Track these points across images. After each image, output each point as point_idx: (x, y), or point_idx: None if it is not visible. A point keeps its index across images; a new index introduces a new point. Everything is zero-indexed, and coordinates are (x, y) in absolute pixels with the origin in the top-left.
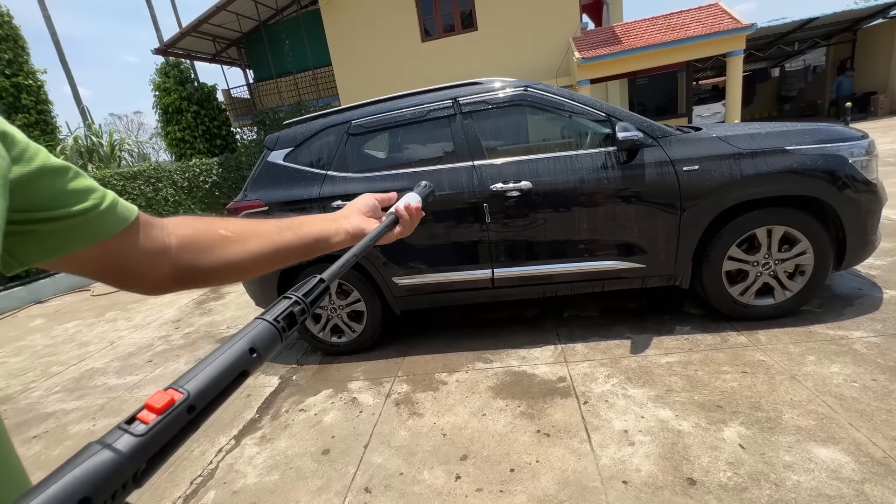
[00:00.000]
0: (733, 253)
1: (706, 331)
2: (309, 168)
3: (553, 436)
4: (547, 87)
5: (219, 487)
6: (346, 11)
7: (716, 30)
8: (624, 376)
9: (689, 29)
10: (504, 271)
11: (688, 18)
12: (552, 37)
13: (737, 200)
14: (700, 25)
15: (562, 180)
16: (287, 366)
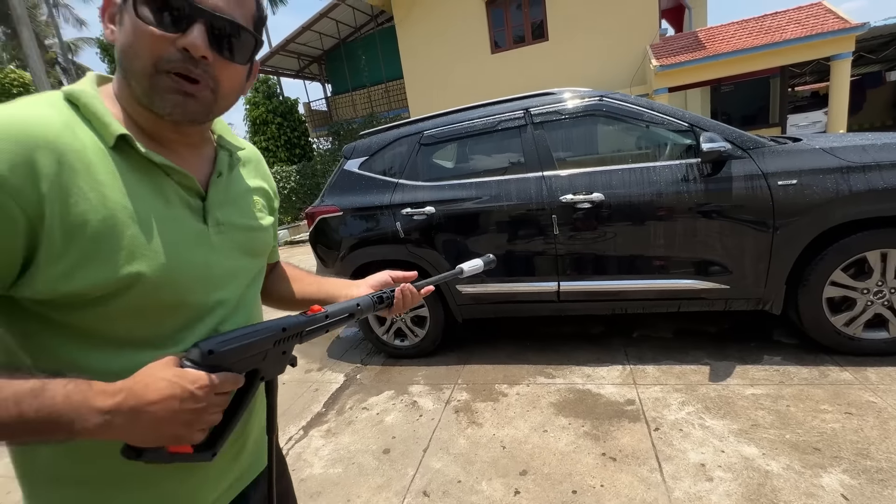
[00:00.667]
0: (838, 278)
1: (801, 363)
2: (381, 176)
3: (620, 461)
4: (624, 97)
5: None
6: (419, 27)
7: (818, 31)
8: (701, 405)
9: (786, 31)
10: (571, 285)
11: (784, 20)
12: (627, 45)
13: (843, 219)
14: (799, 27)
15: (637, 193)
16: (352, 364)
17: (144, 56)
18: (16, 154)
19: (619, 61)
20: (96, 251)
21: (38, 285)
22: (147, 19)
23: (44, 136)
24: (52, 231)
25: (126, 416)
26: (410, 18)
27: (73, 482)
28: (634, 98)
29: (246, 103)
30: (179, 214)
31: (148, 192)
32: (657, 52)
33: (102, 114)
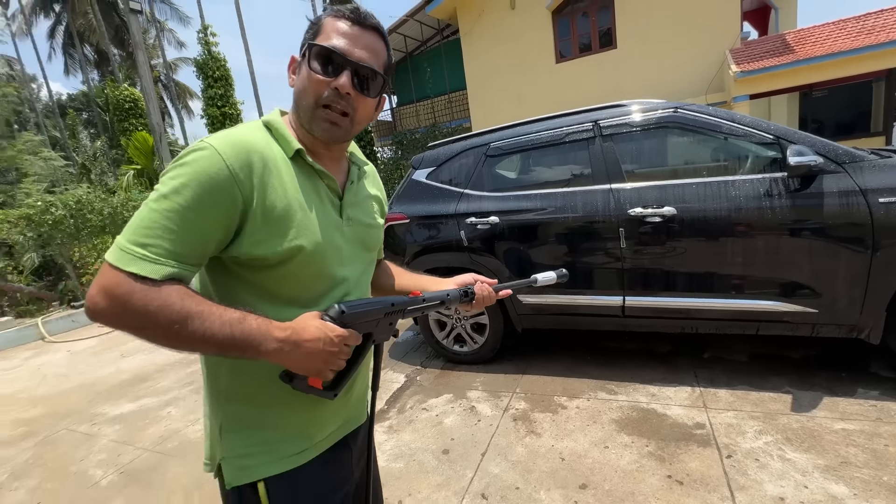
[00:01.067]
0: None
1: None
2: (447, 186)
3: (687, 485)
4: (701, 108)
5: None
6: (483, 39)
7: None
8: (781, 435)
9: (893, 31)
10: (637, 300)
11: (890, 19)
12: (704, 50)
13: None
14: None
15: (713, 207)
16: (412, 366)
17: (311, 94)
18: (242, 158)
19: (693, 68)
20: (278, 228)
21: (240, 248)
22: (316, 70)
23: (257, 148)
24: (255, 211)
25: (290, 346)
26: (476, 31)
27: (241, 399)
28: (713, 109)
29: None
30: (327, 208)
31: (310, 189)
32: (737, 58)
33: (286, 134)
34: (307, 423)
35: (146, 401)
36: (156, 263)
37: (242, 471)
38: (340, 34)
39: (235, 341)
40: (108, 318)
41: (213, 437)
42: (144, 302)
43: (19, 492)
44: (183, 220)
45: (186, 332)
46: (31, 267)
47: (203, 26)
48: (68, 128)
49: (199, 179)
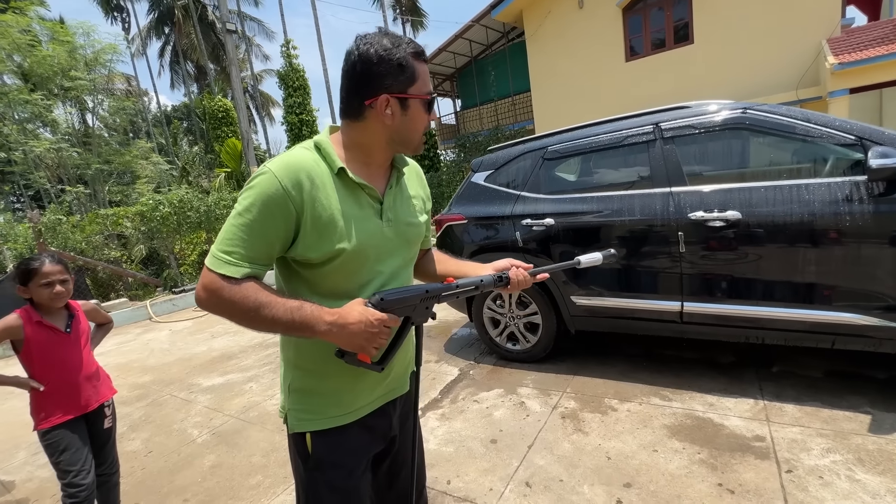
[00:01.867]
0: None
1: None
2: (505, 188)
3: (739, 494)
4: (773, 108)
5: None
6: (549, 39)
7: None
8: (853, 455)
9: None
10: (696, 306)
11: None
12: (796, 41)
13: None
14: None
15: (783, 212)
16: (466, 361)
17: (420, 132)
18: (293, 178)
19: (781, 62)
20: (325, 234)
21: (296, 250)
22: (425, 113)
23: (305, 167)
24: (306, 221)
25: (337, 328)
26: (541, 32)
27: (301, 368)
28: (785, 108)
29: None
30: (367, 214)
31: (351, 200)
32: (836, 48)
33: (331, 154)
34: (348, 393)
35: (232, 376)
36: (236, 266)
37: (298, 422)
38: (426, 78)
39: (295, 324)
40: (208, 307)
41: (284, 391)
42: (230, 295)
43: (136, 441)
44: (252, 231)
45: (260, 317)
46: (140, 257)
47: (286, 41)
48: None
49: (262, 198)
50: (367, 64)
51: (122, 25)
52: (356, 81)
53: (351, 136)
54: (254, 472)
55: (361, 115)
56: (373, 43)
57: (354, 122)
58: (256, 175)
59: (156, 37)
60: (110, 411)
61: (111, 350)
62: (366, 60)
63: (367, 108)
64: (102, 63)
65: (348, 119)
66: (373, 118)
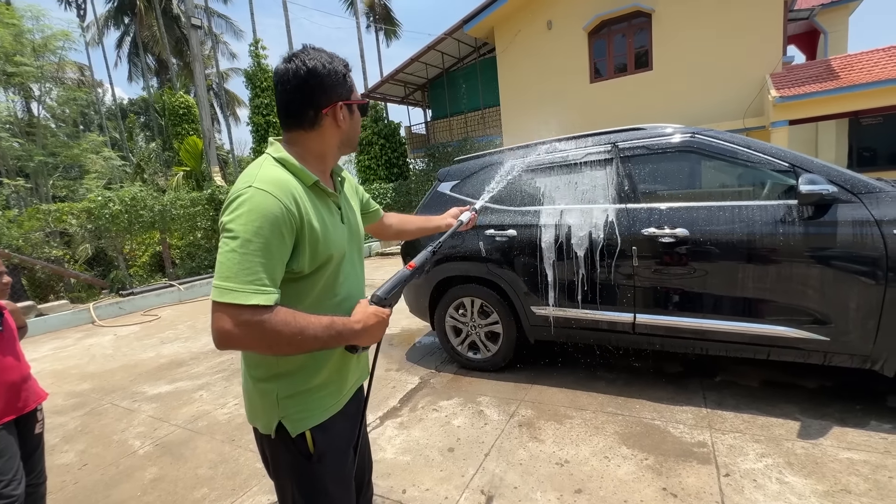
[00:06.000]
0: None
1: None
2: (470, 199)
3: (681, 498)
4: (718, 134)
5: None
6: (519, 57)
7: None
8: (783, 459)
9: None
10: (648, 318)
11: None
12: (743, 74)
13: None
14: None
15: (724, 231)
16: (427, 369)
17: (359, 131)
18: (287, 194)
19: (731, 92)
20: (317, 245)
21: (295, 266)
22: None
23: (290, 185)
24: (304, 236)
25: (364, 329)
26: (511, 49)
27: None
28: (730, 135)
29: None
30: (336, 220)
31: (325, 209)
32: (778, 83)
33: (302, 170)
34: (335, 382)
35: (181, 384)
36: (267, 294)
37: (300, 423)
38: (356, 86)
39: (334, 338)
40: (245, 344)
41: (270, 406)
42: (273, 325)
43: (69, 454)
44: (270, 254)
45: (303, 340)
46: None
47: (255, 40)
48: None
49: (270, 219)
50: (318, 77)
51: (78, 12)
52: (310, 93)
53: (306, 145)
54: (199, 484)
55: (318, 124)
56: (315, 58)
57: (309, 132)
58: (247, 196)
59: (114, 26)
60: (41, 416)
61: (46, 356)
62: (317, 74)
63: (324, 117)
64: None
65: (301, 130)
66: (329, 125)
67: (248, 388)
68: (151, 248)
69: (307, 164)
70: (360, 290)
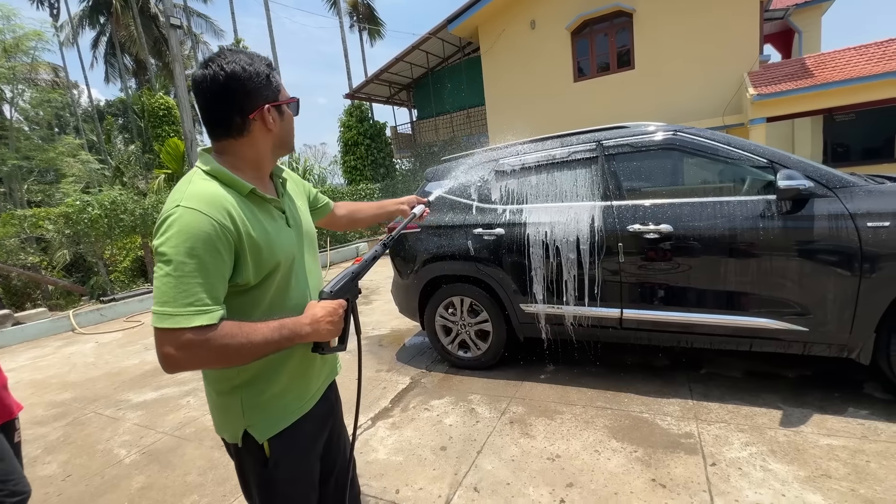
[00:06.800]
0: None
1: (892, 420)
2: (458, 198)
3: (669, 488)
4: (699, 132)
5: (356, 455)
6: (503, 56)
7: None
8: (766, 447)
9: None
10: (634, 313)
11: None
12: (722, 72)
13: None
14: None
15: (707, 226)
16: (418, 369)
17: (294, 131)
18: (220, 210)
19: (711, 90)
20: (261, 255)
21: (240, 279)
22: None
23: (223, 197)
24: (244, 249)
25: (315, 326)
26: (496, 49)
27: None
28: (710, 132)
29: (340, 126)
30: (280, 225)
31: (267, 216)
32: (756, 81)
33: (236, 180)
34: (299, 384)
35: (167, 390)
36: (209, 312)
37: (266, 429)
38: (283, 84)
39: (286, 339)
40: (194, 365)
41: (235, 417)
42: (219, 341)
43: (52, 465)
44: (206, 273)
45: (254, 346)
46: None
47: (236, 40)
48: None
49: (202, 238)
50: (240, 81)
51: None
52: (234, 99)
53: (238, 154)
54: (189, 491)
55: (247, 130)
56: (234, 61)
57: (239, 139)
58: (175, 217)
59: (89, 26)
60: (19, 424)
61: (25, 365)
62: (238, 78)
63: (252, 122)
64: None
65: (230, 138)
66: (258, 129)
67: (213, 401)
68: (133, 253)
69: (242, 172)
70: (317, 290)
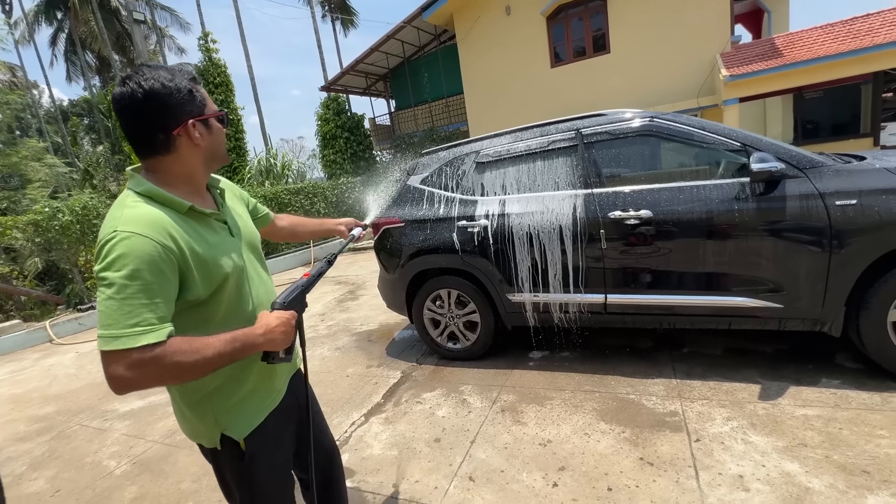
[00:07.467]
0: None
1: (862, 388)
2: (441, 191)
3: (657, 466)
4: (674, 117)
5: (351, 452)
6: (480, 44)
7: None
8: (747, 421)
9: (879, 35)
10: (618, 298)
11: (876, 22)
12: (696, 54)
13: None
14: (895, 29)
15: (685, 210)
16: (408, 363)
17: (224, 142)
18: (160, 232)
19: (685, 72)
20: (208, 270)
21: (189, 296)
22: (222, 127)
23: (161, 220)
24: (189, 268)
25: (269, 335)
26: (472, 36)
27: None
28: (685, 117)
29: (318, 119)
30: (224, 237)
31: (209, 230)
32: (728, 62)
33: (173, 199)
34: (267, 382)
35: (154, 398)
36: (156, 331)
37: (242, 428)
38: (208, 97)
39: (240, 350)
40: (144, 384)
41: (210, 424)
42: (168, 358)
43: (38, 482)
44: (150, 294)
45: (206, 360)
46: (34, 272)
47: (203, 33)
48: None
49: (145, 260)
50: (158, 98)
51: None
52: (154, 117)
53: (168, 171)
54: (183, 499)
55: (173, 147)
56: (152, 77)
57: (167, 156)
58: (115, 242)
59: (46, 22)
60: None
61: (2, 380)
62: (156, 95)
63: (177, 138)
64: None
65: (158, 155)
66: (184, 145)
67: (183, 412)
68: None
69: (176, 189)
70: (270, 295)
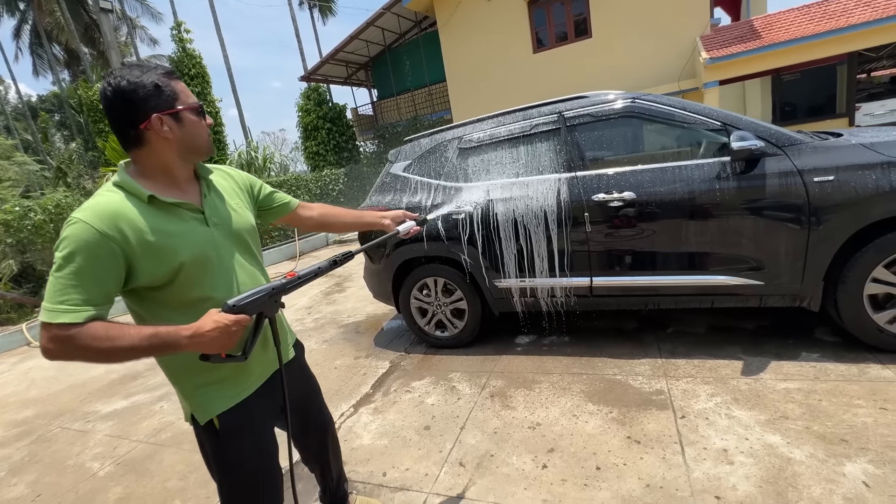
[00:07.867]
0: (880, 275)
1: (840, 360)
2: (424, 178)
3: (644, 443)
4: (656, 98)
5: (341, 443)
6: (461, 30)
7: (890, 13)
8: (730, 396)
9: (853, 15)
10: (603, 280)
11: (851, 3)
12: (676, 38)
13: (884, 216)
14: (869, 10)
15: (668, 191)
16: (396, 353)
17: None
18: (107, 221)
19: (666, 55)
20: (159, 257)
21: (137, 281)
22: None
23: (114, 208)
24: (136, 254)
25: (197, 338)
26: (453, 22)
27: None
28: (667, 98)
29: (298, 111)
30: (192, 226)
31: (173, 219)
32: (707, 44)
33: (136, 187)
34: (241, 372)
35: (138, 397)
36: (75, 312)
37: (209, 410)
38: (187, 91)
39: (156, 347)
40: (61, 357)
41: (188, 398)
42: (81, 340)
43: (19, 487)
44: (81, 277)
45: (117, 351)
46: (9, 274)
47: (176, 23)
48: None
49: (82, 245)
50: (124, 94)
51: None
52: (123, 113)
53: (145, 162)
54: (170, 497)
55: (144, 140)
56: (122, 76)
57: (141, 149)
58: (67, 225)
59: (7, 13)
60: None
61: None
62: (122, 92)
63: (145, 132)
64: None
65: (134, 149)
66: (154, 139)
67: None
68: None
69: (151, 180)
70: (247, 287)
